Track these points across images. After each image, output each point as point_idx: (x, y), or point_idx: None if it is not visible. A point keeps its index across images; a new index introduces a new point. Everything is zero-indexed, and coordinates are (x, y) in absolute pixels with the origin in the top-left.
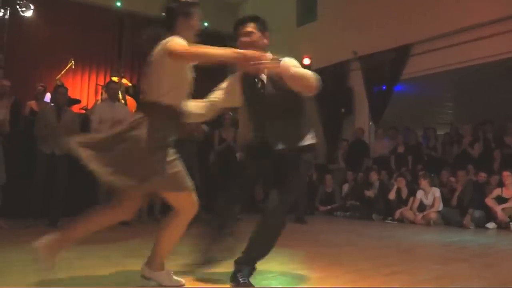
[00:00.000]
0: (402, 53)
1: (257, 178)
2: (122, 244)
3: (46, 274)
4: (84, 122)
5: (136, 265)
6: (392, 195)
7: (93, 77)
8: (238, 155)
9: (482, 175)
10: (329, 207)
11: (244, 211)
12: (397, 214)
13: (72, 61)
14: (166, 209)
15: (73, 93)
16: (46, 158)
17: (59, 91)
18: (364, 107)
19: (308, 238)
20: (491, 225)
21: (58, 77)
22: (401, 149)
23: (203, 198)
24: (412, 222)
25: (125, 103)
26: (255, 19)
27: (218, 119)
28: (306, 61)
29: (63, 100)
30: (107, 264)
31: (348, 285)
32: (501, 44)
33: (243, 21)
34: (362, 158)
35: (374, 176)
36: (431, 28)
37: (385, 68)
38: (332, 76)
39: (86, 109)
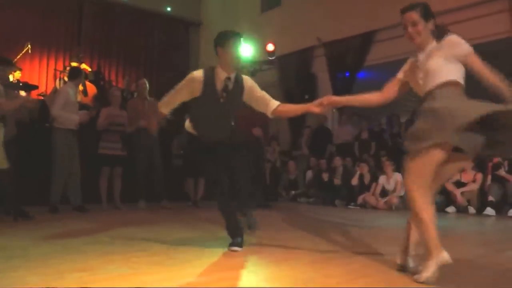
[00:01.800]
0: (365, 40)
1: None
2: (82, 231)
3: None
4: (42, 108)
5: (95, 251)
6: (355, 181)
7: (52, 62)
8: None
9: None
10: (292, 193)
11: None
12: (360, 199)
13: (29, 45)
14: (126, 196)
15: (30, 79)
16: None
17: None
18: (328, 93)
19: (270, 223)
20: (450, 209)
21: (14, 61)
22: (364, 135)
23: (164, 184)
24: (375, 207)
25: (85, 89)
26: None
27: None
28: (270, 47)
29: None
30: (65, 251)
31: (308, 266)
32: (465, 31)
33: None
34: (326, 145)
35: (338, 162)
36: (394, 14)
37: (349, 54)
38: (296, 62)
39: (44, 95)
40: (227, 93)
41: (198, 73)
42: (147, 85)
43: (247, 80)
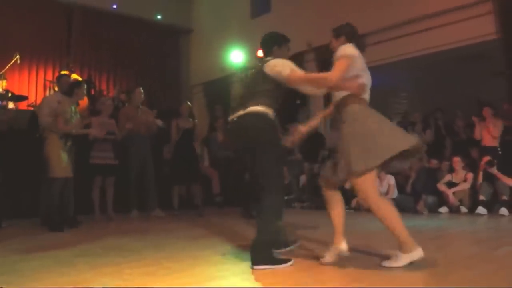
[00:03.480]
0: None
1: None
2: (73, 243)
3: None
4: (32, 119)
5: (87, 263)
6: (348, 184)
7: (41, 72)
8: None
9: (434, 162)
10: (286, 198)
11: None
12: (354, 202)
13: (18, 56)
14: (119, 205)
15: (20, 89)
16: None
17: None
18: (319, 98)
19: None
20: (443, 209)
21: (1, 72)
22: None
23: (155, 192)
24: (368, 210)
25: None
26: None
27: (176, 110)
28: (260, 53)
29: None
30: (56, 264)
31: (302, 272)
32: (452, 33)
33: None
34: (318, 149)
35: None
36: (384, 18)
37: None
38: None
39: (34, 106)
40: None
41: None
42: (143, 95)
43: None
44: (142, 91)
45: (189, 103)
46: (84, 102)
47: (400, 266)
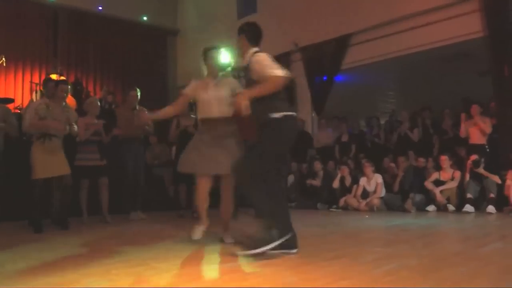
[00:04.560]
0: (342, 43)
1: None
2: (59, 245)
3: None
4: (19, 121)
5: (73, 265)
6: (336, 184)
7: (27, 75)
8: None
9: (422, 160)
10: None
11: None
12: (342, 202)
13: (3, 58)
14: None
15: (6, 92)
16: None
17: None
18: (306, 98)
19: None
20: (431, 207)
21: None
22: (345, 138)
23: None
24: (356, 209)
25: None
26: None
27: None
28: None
29: None
30: (42, 266)
31: (288, 270)
32: (438, 32)
33: None
34: (306, 149)
35: (318, 166)
36: (370, 17)
37: (325, 58)
38: None
39: (20, 109)
40: None
41: None
42: (138, 97)
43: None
44: (137, 94)
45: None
46: (72, 103)
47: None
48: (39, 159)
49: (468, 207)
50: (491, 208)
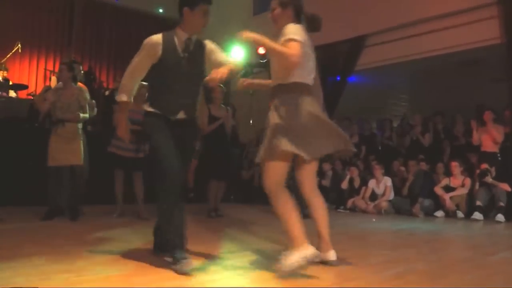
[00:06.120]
0: (356, 44)
1: None
2: (70, 233)
3: None
4: (31, 108)
5: (83, 252)
6: (344, 185)
7: (42, 62)
8: None
9: (423, 164)
10: None
11: None
12: (350, 203)
13: (19, 45)
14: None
15: (20, 79)
16: None
17: None
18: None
19: (260, 228)
20: (439, 213)
21: (3, 60)
22: (355, 139)
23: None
24: (364, 211)
25: None
26: None
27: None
28: (261, 50)
29: None
30: (51, 252)
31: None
32: (454, 37)
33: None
34: None
35: (326, 166)
36: (385, 19)
37: (339, 59)
38: None
39: (34, 95)
40: (188, 53)
41: (157, 36)
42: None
43: (209, 43)
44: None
45: (222, 86)
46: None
47: (293, 262)
48: (52, 147)
49: (477, 215)
50: (500, 217)
